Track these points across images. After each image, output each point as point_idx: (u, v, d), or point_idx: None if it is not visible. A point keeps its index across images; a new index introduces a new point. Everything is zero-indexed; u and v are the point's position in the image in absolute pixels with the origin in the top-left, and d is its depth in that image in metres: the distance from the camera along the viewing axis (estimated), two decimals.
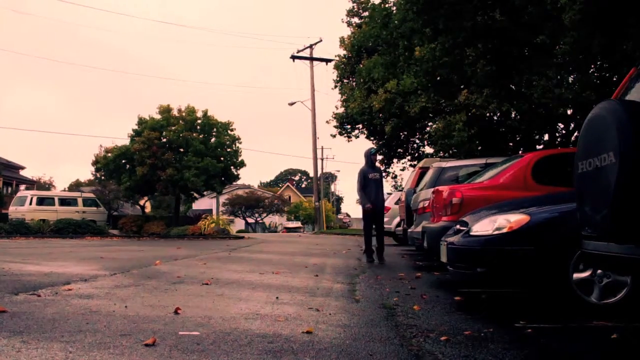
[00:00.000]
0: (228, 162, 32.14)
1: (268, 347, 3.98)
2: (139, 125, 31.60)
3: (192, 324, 4.75)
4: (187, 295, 6.61)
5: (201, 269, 10.13)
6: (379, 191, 12.63)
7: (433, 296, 7.09)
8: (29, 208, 31.60)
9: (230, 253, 15.13)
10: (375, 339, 4.41)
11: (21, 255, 12.71)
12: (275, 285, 7.93)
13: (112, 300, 6.00)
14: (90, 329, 4.45)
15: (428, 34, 16.88)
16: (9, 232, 26.35)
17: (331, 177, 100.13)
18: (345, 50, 31.15)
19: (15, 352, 3.66)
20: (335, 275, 9.57)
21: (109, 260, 11.78)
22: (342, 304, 6.28)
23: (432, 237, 9.40)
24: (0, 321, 4.64)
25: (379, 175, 12.64)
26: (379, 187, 12.59)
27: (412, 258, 13.88)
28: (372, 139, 31.95)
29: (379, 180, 12.61)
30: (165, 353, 3.76)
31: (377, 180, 12.57)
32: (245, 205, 67.00)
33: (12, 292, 6.35)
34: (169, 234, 28.88)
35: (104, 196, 40.98)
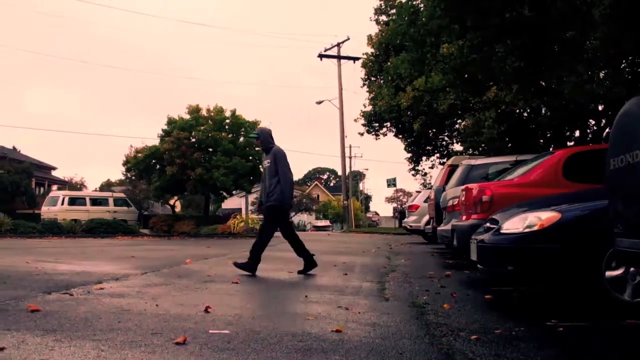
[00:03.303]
0: (257, 161, 32.18)
1: (297, 346, 3.99)
2: (168, 125, 31.82)
3: (222, 323, 4.77)
4: (217, 294, 6.64)
5: (231, 267, 10.16)
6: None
7: (463, 295, 7.04)
8: (61, 208, 31.97)
9: None
10: (404, 338, 4.40)
11: (54, 254, 12.86)
12: (304, 283, 7.95)
13: (143, 299, 6.05)
14: (122, 327, 4.49)
15: (456, 31, 16.75)
16: (42, 232, 26.67)
17: (359, 176, 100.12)
18: (372, 48, 31.09)
19: (48, 350, 3.70)
20: (364, 274, 9.56)
21: (140, 260, 11.89)
22: (372, 303, 6.27)
23: (461, 235, 9.34)
24: (33, 320, 4.70)
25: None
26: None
27: (441, 256, 13.81)
28: (400, 137, 31.88)
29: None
30: (195, 351, 3.78)
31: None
32: None
33: (45, 291, 6.43)
34: (199, 233, 29.04)
35: (135, 196, 41.30)
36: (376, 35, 30.49)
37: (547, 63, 16.34)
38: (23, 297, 5.93)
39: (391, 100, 28.27)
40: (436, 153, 32.48)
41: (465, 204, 9.87)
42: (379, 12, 30.52)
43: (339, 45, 43.65)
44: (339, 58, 43.82)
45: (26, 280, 7.57)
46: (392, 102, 28.08)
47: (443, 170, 15.85)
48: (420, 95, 24.91)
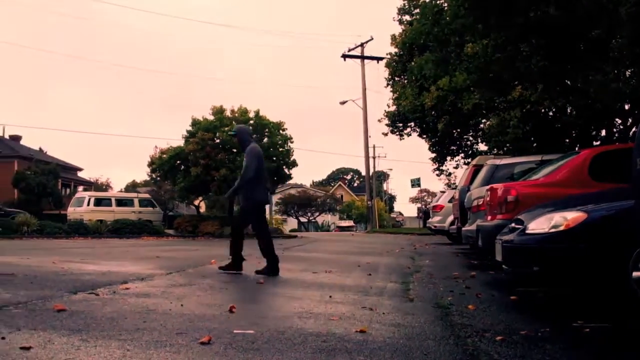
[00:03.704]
0: (280, 162, 32.23)
1: (322, 346, 3.99)
2: (192, 126, 31.93)
3: (247, 323, 4.79)
4: (241, 294, 6.67)
5: (255, 268, 10.20)
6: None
7: (488, 295, 7.01)
8: (86, 209, 32.24)
9: (283, 252, 15.16)
10: (429, 339, 4.38)
11: (80, 255, 12.98)
12: (328, 284, 7.94)
13: (168, 299, 6.09)
14: (147, 327, 4.52)
15: (480, 30, 16.67)
16: (68, 232, 26.89)
17: (383, 176, 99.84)
18: (396, 48, 31.00)
19: (74, 350, 3.73)
20: (388, 275, 9.54)
21: (165, 260, 11.96)
22: (396, 303, 6.26)
23: (486, 236, 9.29)
24: (60, 319, 4.75)
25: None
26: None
27: (466, 257, 13.75)
28: (424, 137, 31.76)
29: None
30: (220, 351, 3.79)
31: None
32: (298, 204, 67.23)
33: (71, 291, 6.49)
34: (224, 233, 29.09)
35: (160, 196, 41.52)
36: (400, 35, 30.39)
37: (573, 62, 16.20)
38: (49, 297, 5.99)
39: (415, 100, 28.17)
40: (460, 153, 32.32)
41: (490, 204, 9.81)
42: (403, 12, 30.45)
43: (362, 45, 43.61)
44: (363, 58, 43.76)
45: (52, 280, 7.65)
46: (416, 102, 27.98)
47: (468, 170, 15.77)
48: (445, 95, 24.80)
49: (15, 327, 4.38)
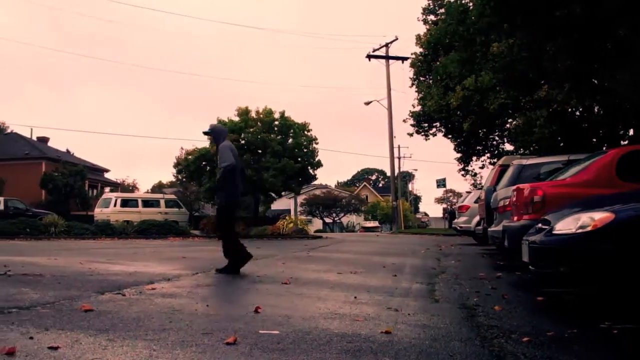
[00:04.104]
0: (305, 162, 32.29)
1: (347, 347, 3.98)
2: None
3: (272, 323, 4.79)
4: (266, 295, 6.68)
5: (280, 268, 10.23)
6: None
7: (514, 296, 6.96)
8: (113, 210, 32.52)
9: (308, 253, 15.22)
10: (455, 340, 4.36)
11: (106, 255, 13.09)
12: (353, 285, 7.94)
13: (194, 299, 6.12)
14: (174, 327, 4.54)
15: (505, 30, 16.56)
16: (95, 233, 27.14)
17: (409, 176, 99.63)
18: (421, 48, 30.88)
19: (101, 349, 3.76)
20: (413, 275, 9.51)
21: (191, 260, 12.02)
22: (422, 304, 6.23)
23: (513, 236, 9.22)
24: (87, 319, 4.79)
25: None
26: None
27: (492, 257, 13.66)
28: (450, 137, 31.64)
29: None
30: (245, 351, 3.80)
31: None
32: (323, 205, 67.26)
33: (98, 292, 6.54)
34: (249, 234, 29.19)
35: (186, 197, 41.80)
36: (425, 35, 30.27)
37: (600, 61, 16.04)
38: (77, 297, 6.04)
39: (440, 100, 28.05)
40: (486, 153, 32.16)
41: (517, 204, 9.74)
42: (428, 12, 30.34)
43: (387, 45, 43.53)
44: (388, 58, 43.67)
45: (80, 281, 7.72)
46: (442, 101, 27.85)
47: (494, 170, 15.66)
48: (470, 95, 24.66)
49: (43, 327, 4.43)
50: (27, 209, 32.33)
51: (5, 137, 53.77)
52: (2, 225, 25.84)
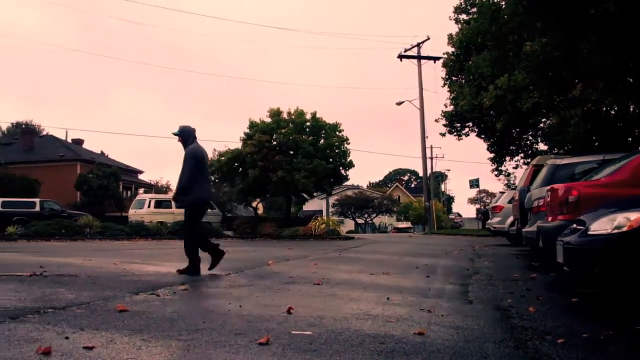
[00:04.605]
0: (337, 163, 32.28)
1: (380, 348, 3.98)
2: (250, 129, 32.24)
3: (305, 324, 4.80)
4: (299, 295, 6.69)
5: (312, 269, 10.23)
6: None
7: (549, 297, 6.89)
8: (147, 211, 32.80)
9: (340, 253, 15.21)
10: (489, 341, 4.33)
11: (140, 256, 13.21)
12: (385, 285, 7.92)
13: (227, 300, 6.15)
14: (207, 327, 4.57)
15: (538, 28, 16.40)
16: (129, 234, 27.42)
17: (441, 177, 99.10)
18: (453, 48, 30.74)
19: (136, 349, 3.80)
20: (446, 276, 9.46)
21: (224, 261, 12.03)
22: (455, 305, 6.20)
23: (547, 237, 9.13)
24: (121, 320, 4.84)
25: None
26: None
27: (526, 258, 13.53)
28: (483, 137, 31.45)
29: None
30: (278, 352, 3.81)
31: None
32: (355, 205, 67.22)
33: (132, 292, 6.61)
34: (281, 234, 29.29)
35: (218, 198, 42.03)
36: (456, 34, 30.14)
37: (635, 59, 15.81)
38: (112, 298, 6.11)
39: (473, 99, 27.90)
40: (520, 153, 31.93)
41: (551, 204, 9.64)
42: (459, 11, 30.16)
43: (419, 45, 43.34)
44: (419, 58, 43.49)
45: (114, 281, 7.81)
46: (474, 101, 27.70)
47: (527, 170, 15.52)
48: (503, 94, 24.47)
49: (78, 327, 4.48)
50: (63, 210, 32.75)
51: (41, 140, 54.57)
52: (38, 227, 26.25)
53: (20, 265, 10.15)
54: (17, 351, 3.65)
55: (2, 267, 9.22)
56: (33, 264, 9.48)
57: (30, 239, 24.50)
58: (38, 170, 43.68)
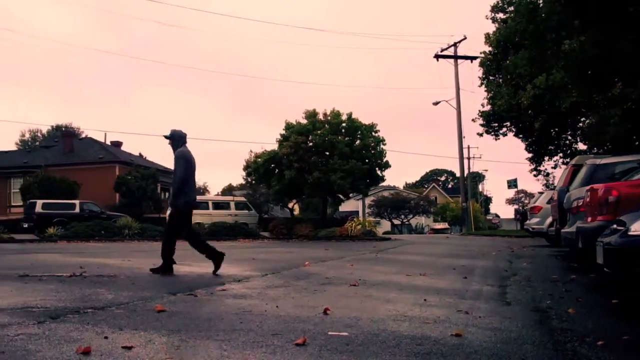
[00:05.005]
0: (373, 163, 32.18)
1: (417, 349, 3.96)
2: (286, 130, 32.32)
3: (341, 325, 4.80)
4: (335, 296, 6.69)
5: (349, 270, 10.23)
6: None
7: (588, 299, 6.80)
8: None
9: (377, 254, 15.18)
10: (527, 343, 4.29)
11: (178, 257, 13.27)
12: (422, 287, 7.88)
13: (264, 300, 6.18)
14: (244, 328, 4.60)
15: (577, 26, 16.20)
16: None
17: (479, 177, 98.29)
18: (490, 47, 30.51)
19: (174, 349, 3.84)
20: (484, 278, 9.38)
21: (261, 262, 12.15)
22: (492, 307, 6.15)
23: (587, 238, 9.01)
24: (160, 320, 4.89)
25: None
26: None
27: (565, 259, 13.37)
28: (521, 137, 31.16)
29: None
30: (315, 353, 3.82)
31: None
32: (391, 206, 67.04)
33: (170, 292, 6.68)
34: (317, 235, 29.31)
35: (255, 199, 42.22)
36: (493, 33, 29.90)
37: None
38: (150, 298, 6.18)
39: (511, 99, 27.65)
40: (559, 152, 31.58)
41: (591, 205, 9.51)
42: (496, 10, 29.92)
43: (455, 45, 43.06)
44: (456, 58, 43.21)
45: (153, 282, 7.90)
46: (512, 101, 27.46)
47: (566, 170, 15.33)
48: (541, 94, 24.21)
49: (117, 326, 4.54)
50: (102, 212, 33.22)
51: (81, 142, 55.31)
52: (78, 228, 26.65)
53: (60, 266, 10.32)
54: (58, 351, 3.71)
55: (43, 268, 9.37)
56: (73, 264, 9.63)
57: (70, 240, 24.93)
58: (78, 172, 44.26)
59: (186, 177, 9.46)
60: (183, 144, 9.82)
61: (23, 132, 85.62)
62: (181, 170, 9.43)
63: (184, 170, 9.42)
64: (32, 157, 50.90)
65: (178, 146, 9.75)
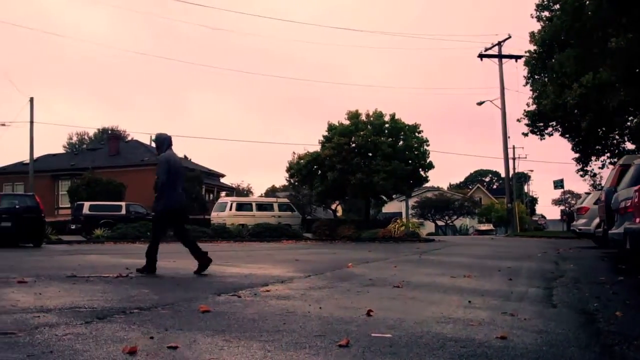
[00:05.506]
0: (416, 164, 32.04)
1: (461, 352, 3.92)
2: (328, 132, 32.37)
3: (384, 326, 4.79)
4: (378, 298, 6.68)
5: (392, 271, 10.20)
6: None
7: (637, 301, 6.68)
8: (229, 213, 33.30)
9: (420, 256, 15.11)
10: (573, 346, 4.22)
11: (222, 258, 13.44)
12: (467, 288, 7.82)
13: (307, 302, 6.19)
14: (287, 329, 4.62)
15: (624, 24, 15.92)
16: (212, 236, 27.92)
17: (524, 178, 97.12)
18: (535, 46, 30.14)
19: (218, 350, 3.87)
20: (530, 279, 9.27)
21: (304, 263, 12.18)
22: (538, 309, 6.07)
23: (635, 239, 8.85)
24: (204, 320, 4.94)
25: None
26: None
27: (613, 261, 13.14)
28: (567, 136, 30.73)
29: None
30: (358, 354, 3.81)
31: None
32: (435, 207, 66.70)
33: (215, 293, 6.74)
34: (360, 237, 29.27)
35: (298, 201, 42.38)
36: (538, 32, 29.53)
37: None
38: (194, 299, 6.24)
39: (557, 98, 27.28)
40: (606, 152, 31.09)
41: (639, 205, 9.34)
42: (541, 8, 29.54)
43: (499, 44, 42.68)
44: (500, 57, 42.83)
45: (197, 283, 7.98)
46: (558, 100, 27.09)
47: (614, 170, 15.08)
48: (588, 92, 23.84)
49: (163, 327, 4.60)
50: (148, 213, 33.58)
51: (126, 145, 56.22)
52: (124, 229, 27.07)
53: (107, 267, 10.50)
54: (104, 350, 3.77)
55: (90, 269, 9.54)
56: (119, 265, 9.78)
57: (116, 241, 25.34)
58: (123, 174, 44.97)
59: (167, 181, 9.60)
60: (168, 147, 9.98)
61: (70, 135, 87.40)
62: (162, 175, 9.58)
63: (163, 174, 9.57)
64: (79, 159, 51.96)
65: (163, 150, 9.93)
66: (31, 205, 21.95)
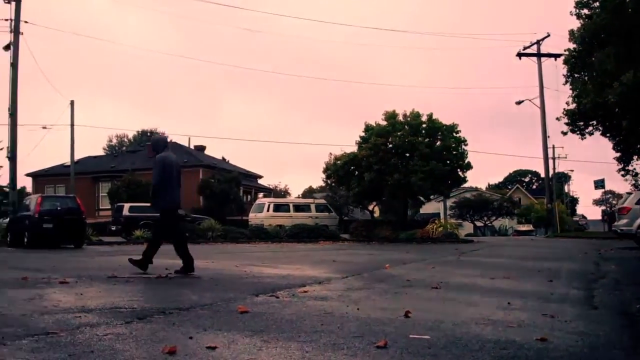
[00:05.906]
0: (454, 164, 31.78)
1: (500, 354, 3.89)
2: (365, 132, 32.31)
3: (422, 328, 4.77)
4: (416, 299, 6.65)
5: (430, 272, 10.15)
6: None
7: None
8: (266, 214, 33.44)
9: (459, 257, 15.01)
10: (615, 349, 4.16)
11: (260, 259, 13.51)
12: (506, 290, 7.75)
13: (345, 302, 6.20)
14: (325, 329, 4.62)
15: None
16: (250, 237, 28.09)
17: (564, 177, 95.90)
18: (574, 44, 29.72)
19: (256, 350, 3.89)
20: (570, 281, 9.16)
21: (341, 264, 12.18)
22: (579, 311, 5.99)
23: None
24: (242, 321, 4.97)
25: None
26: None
27: None
28: (608, 136, 30.27)
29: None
30: (396, 355, 3.80)
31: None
32: (473, 208, 66.06)
33: (253, 294, 6.78)
34: (398, 238, 29.17)
35: (335, 202, 42.34)
36: (578, 30, 29.13)
37: None
38: (233, 299, 6.29)
39: (597, 97, 26.87)
40: None
41: None
42: (581, 6, 29.13)
43: (538, 42, 42.16)
44: (539, 56, 42.30)
45: (235, 283, 8.03)
46: (598, 99, 26.68)
47: None
48: (629, 91, 23.45)
49: (201, 327, 4.64)
50: (186, 215, 33.92)
51: None
52: None
53: None
54: (144, 350, 3.82)
55: (130, 270, 9.65)
56: (159, 266, 9.88)
57: None
58: None
59: (161, 183, 9.75)
60: (164, 148, 10.21)
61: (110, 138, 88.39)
62: (156, 176, 9.77)
63: (157, 176, 9.74)
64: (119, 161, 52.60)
65: (159, 151, 10.09)
66: (72, 206, 22.28)
